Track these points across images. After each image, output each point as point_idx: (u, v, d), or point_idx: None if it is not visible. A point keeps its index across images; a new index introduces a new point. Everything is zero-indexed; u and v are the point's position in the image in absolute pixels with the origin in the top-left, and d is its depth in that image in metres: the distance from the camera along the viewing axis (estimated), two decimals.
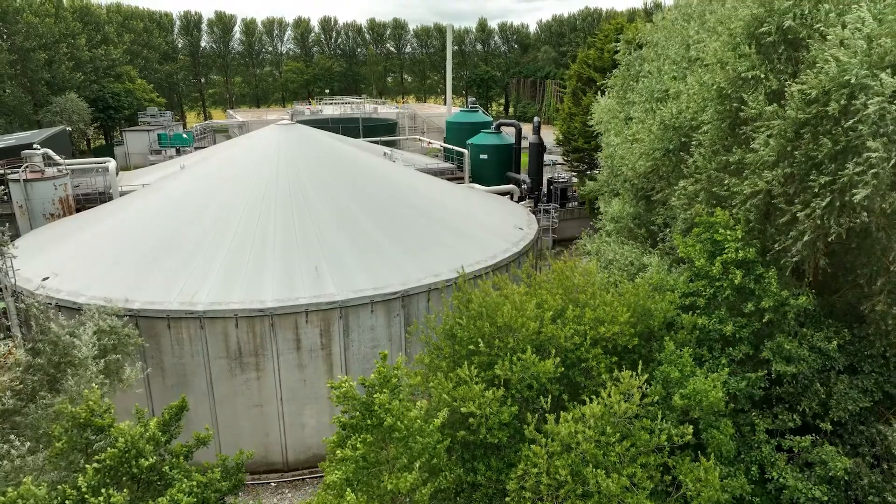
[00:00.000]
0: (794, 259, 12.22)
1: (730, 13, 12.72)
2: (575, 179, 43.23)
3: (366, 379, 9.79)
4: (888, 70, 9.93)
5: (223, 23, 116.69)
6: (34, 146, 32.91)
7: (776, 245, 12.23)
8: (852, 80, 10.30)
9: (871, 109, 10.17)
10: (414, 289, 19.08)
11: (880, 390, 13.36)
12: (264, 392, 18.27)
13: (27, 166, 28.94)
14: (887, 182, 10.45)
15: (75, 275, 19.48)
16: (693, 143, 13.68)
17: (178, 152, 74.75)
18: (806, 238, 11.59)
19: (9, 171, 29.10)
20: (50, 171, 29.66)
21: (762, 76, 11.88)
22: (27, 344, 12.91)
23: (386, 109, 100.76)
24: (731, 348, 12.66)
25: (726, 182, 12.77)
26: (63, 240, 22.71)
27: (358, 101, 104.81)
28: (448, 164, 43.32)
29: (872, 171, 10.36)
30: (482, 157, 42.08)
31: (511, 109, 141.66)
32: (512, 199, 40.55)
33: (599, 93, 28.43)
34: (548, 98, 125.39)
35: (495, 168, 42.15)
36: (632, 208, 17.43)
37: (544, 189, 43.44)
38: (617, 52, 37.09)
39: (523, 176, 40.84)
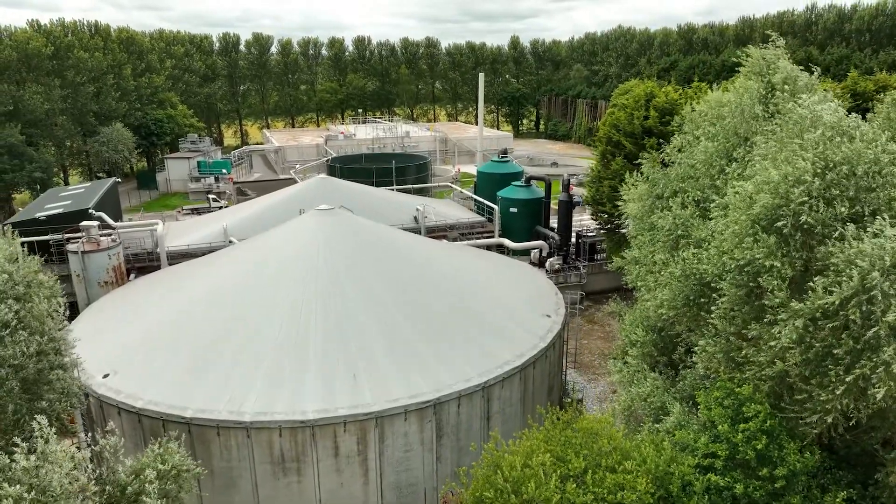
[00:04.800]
0: (815, 431, 12.97)
1: (751, 195, 13.40)
2: (603, 233, 43.78)
3: None
4: None
5: (260, 43, 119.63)
6: (90, 211, 35.03)
7: (802, 418, 12.90)
8: (875, 294, 11.00)
9: (891, 318, 10.90)
10: (445, 396, 20.16)
11: None
12: (304, 494, 19.55)
13: (84, 239, 30.88)
14: None
15: (131, 372, 21.07)
16: (713, 306, 14.44)
17: (217, 180, 77.34)
18: (829, 420, 12.34)
19: (70, 241, 31.12)
20: (105, 240, 31.56)
21: (779, 265, 12.61)
22: (97, 484, 14.32)
23: (417, 131, 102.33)
24: None
25: (744, 352, 13.57)
26: (117, 327, 24.37)
27: (390, 122, 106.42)
28: (479, 217, 44.33)
29: (887, 369, 11.09)
30: (512, 210, 42.96)
31: (542, 126, 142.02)
32: (541, 254, 41.44)
33: (628, 170, 28.96)
34: (579, 117, 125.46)
35: (525, 221, 42.99)
36: (654, 335, 18.22)
37: (573, 240, 44.14)
38: (647, 118, 37.70)
39: (552, 233, 41.61)
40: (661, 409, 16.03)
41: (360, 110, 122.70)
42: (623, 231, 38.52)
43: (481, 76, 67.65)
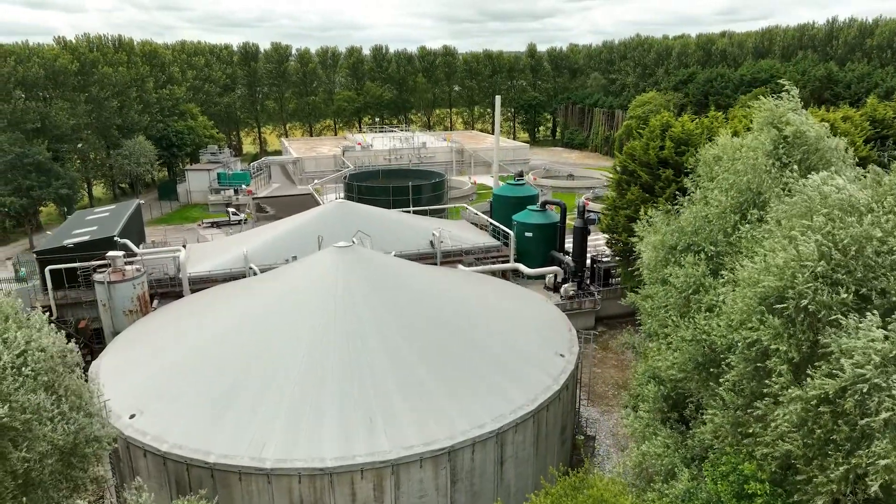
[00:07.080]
0: None
1: (758, 273, 13.74)
2: (618, 259, 43.97)
3: None
4: None
5: (279, 53, 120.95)
6: (115, 238, 36.01)
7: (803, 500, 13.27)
8: (864, 387, 11.33)
9: (883, 416, 11.23)
10: (460, 443, 20.64)
11: None
12: None
13: (111, 269, 31.81)
14: None
15: (156, 411, 21.83)
16: (721, 378, 14.78)
17: (236, 192, 78.52)
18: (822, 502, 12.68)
19: (97, 271, 32.12)
20: (129, 269, 32.47)
21: (784, 349, 12.92)
22: None
23: (434, 142, 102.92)
24: None
25: (751, 430, 13.90)
26: (142, 361, 25.18)
27: (407, 133, 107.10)
28: (494, 241, 44.75)
29: (882, 462, 11.41)
30: (527, 234, 43.35)
31: (558, 134, 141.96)
32: (556, 279, 41.76)
33: (643, 201, 29.17)
34: (596, 126, 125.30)
35: (540, 246, 43.37)
36: (665, 390, 18.57)
37: (587, 263, 44.38)
38: (662, 148, 37.89)
39: (567, 258, 41.92)
40: (671, 472, 16.39)
41: (377, 118, 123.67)
42: (637, 266, 38.72)
43: (497, 98, 68.11)
